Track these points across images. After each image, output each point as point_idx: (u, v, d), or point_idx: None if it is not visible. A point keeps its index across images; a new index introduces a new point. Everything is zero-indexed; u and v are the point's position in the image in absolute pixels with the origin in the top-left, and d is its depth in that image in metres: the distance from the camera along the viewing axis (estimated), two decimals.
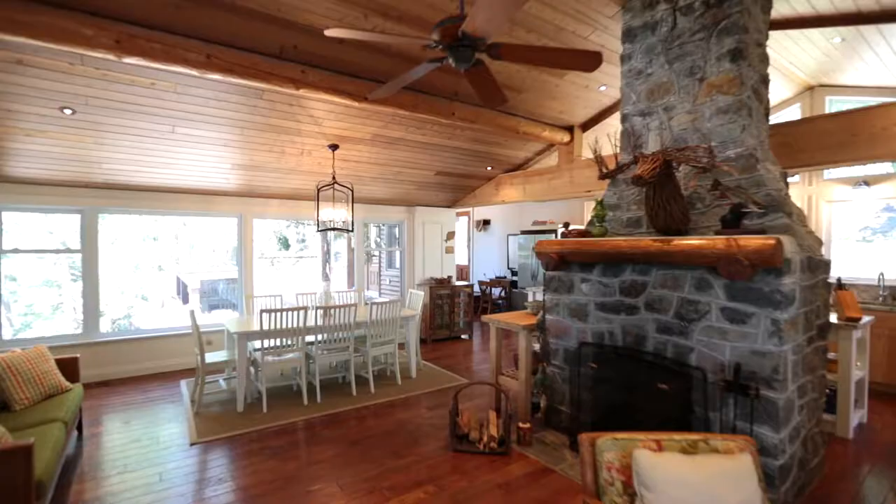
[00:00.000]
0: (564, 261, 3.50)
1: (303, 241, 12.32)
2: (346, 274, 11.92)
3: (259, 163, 5.01)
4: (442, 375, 5.21)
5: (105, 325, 8.61)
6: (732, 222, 2.68)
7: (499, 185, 6.64)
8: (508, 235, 9.67)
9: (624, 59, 3.60)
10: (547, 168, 5.93)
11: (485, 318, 4.17)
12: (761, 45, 3.15)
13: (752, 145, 2.91)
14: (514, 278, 9.15)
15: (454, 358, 6.08)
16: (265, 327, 4.06)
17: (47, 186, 4.71)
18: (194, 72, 3.22)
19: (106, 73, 3.38)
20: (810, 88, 5.31)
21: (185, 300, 11.68)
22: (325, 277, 7.50)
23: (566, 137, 5.45)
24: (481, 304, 9.46)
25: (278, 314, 4.07)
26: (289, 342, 4.23)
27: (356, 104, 3.94)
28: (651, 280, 3.03)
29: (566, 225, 3.72)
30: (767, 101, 3.23)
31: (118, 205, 5.11)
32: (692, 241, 2.62)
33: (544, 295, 3.74)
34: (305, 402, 4.27)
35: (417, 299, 5.50)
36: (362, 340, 4.77)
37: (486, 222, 10.36)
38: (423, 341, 6.76)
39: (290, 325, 4.14)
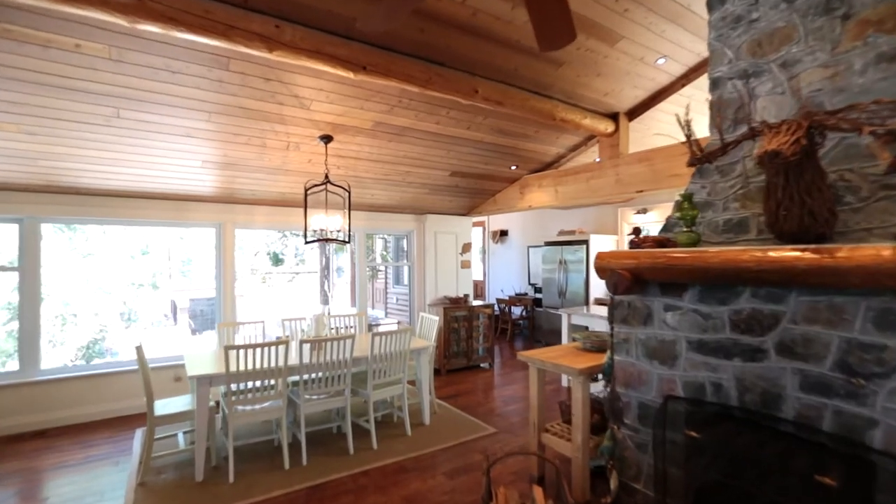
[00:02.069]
0: (638, 280, 2.50)
1: (298, 254, 11.38)
2: (350, 291, 10.95)
3: (236, 159, 4.08)
4: (462, 421, 4.18)
5: (69, 354, 7.72)
6: None
7: (524, 188, 5.65)
8: (529, 247, 8.67)
9: (713, 4, 2.63)
10: (584, 165, 4.94)
11: (521, 355, 3.15)
12: None
13: None
14: (538, 295, 8.11)
15: (474, 395, 5.05)
16: (233, 368, 3.09)
17: None
18: (121, 20, 2.30)
19: (8, 29, 2.47)
20: None
21: (177, 321, 10.78)
22: (324, 298, 6.53)
23: (610, 127, 4.47)
24: (500, 324, 8.43)
25: (250, 351, 3.10)
26: (269, 383, 3.27)
27: (351, 76, 3.00)
28: (788, 310, 2.01)
29: (636, 231, 2.72)
30: None
31: (66, 213, 4.19)
32: (883, 252, 1.62)
33: (611, 328, 2.73)
34: (287, 465, 3.27)
35: (431, 326, 4.51)
36: (362, 378, 3.78)
37: (504, 233, 9.37)
38: (436, 372, 5.72)
39: (265, 365, 3.17)
